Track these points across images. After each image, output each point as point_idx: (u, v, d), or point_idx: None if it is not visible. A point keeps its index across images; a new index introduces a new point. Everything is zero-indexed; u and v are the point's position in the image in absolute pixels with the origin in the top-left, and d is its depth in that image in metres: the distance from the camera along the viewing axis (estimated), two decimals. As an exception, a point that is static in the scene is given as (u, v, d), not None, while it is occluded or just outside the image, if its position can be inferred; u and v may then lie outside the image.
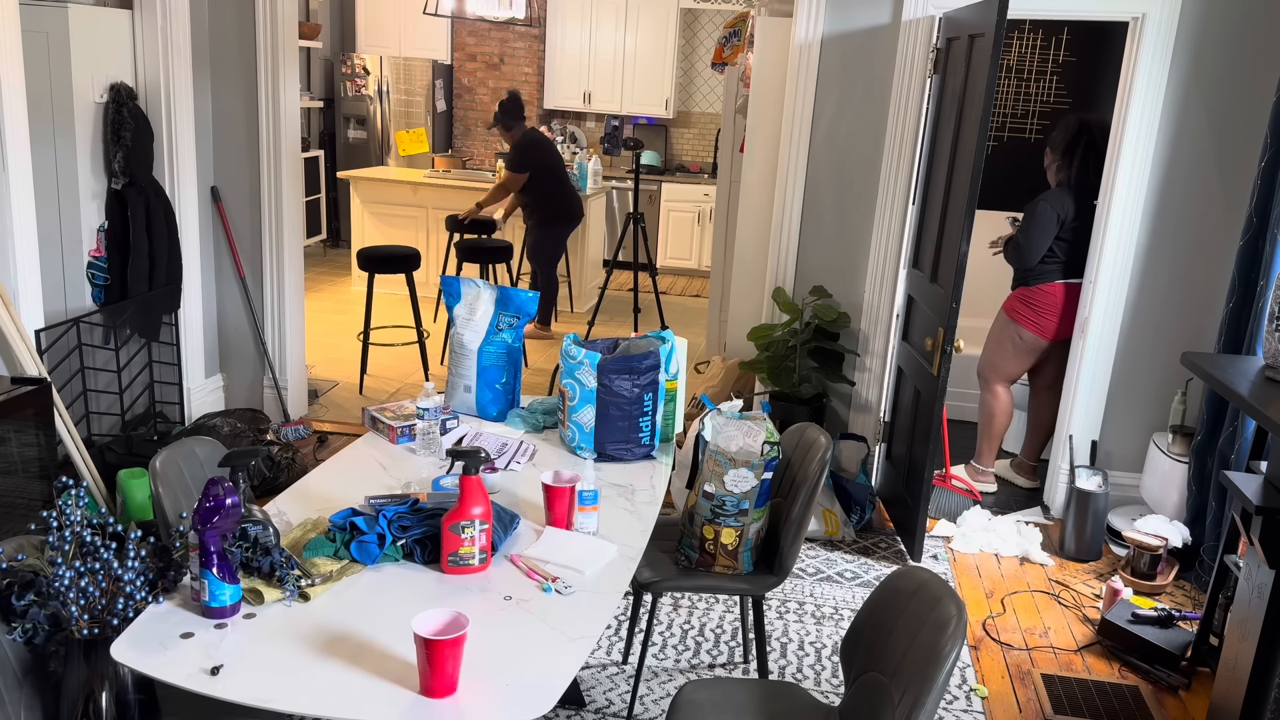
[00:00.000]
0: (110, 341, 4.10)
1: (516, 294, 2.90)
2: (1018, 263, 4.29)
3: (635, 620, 3.08)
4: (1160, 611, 3.31)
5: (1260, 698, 2.52)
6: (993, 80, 3.31)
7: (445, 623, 1.70)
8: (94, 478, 3.70)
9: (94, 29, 3.93)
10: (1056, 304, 4.25)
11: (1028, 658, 3.27)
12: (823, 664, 3.15)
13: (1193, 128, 3.96)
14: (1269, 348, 2.59)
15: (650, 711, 2.86)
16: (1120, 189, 4.02)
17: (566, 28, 9.13)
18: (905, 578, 2.00)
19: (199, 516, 1.81)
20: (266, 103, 4.50)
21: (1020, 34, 5.73)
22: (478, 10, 6.43)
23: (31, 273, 3.51)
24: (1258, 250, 3.60)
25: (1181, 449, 3.95)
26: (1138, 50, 3.91)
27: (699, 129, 9.62)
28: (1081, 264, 4.20)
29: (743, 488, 2.51)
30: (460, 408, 2.96)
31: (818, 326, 4.29)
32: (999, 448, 4.63)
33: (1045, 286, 4.26)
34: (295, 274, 4.79)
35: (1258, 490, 2.59)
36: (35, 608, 1.79)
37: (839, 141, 4.29)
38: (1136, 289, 4.14)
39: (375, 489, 2.41)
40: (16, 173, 3.38)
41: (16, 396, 3.16)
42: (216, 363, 4.84)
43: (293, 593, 1.91)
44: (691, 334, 6.97)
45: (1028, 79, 5.79)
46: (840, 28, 4.18)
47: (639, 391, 2.67)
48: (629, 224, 6.32)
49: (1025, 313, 4.31)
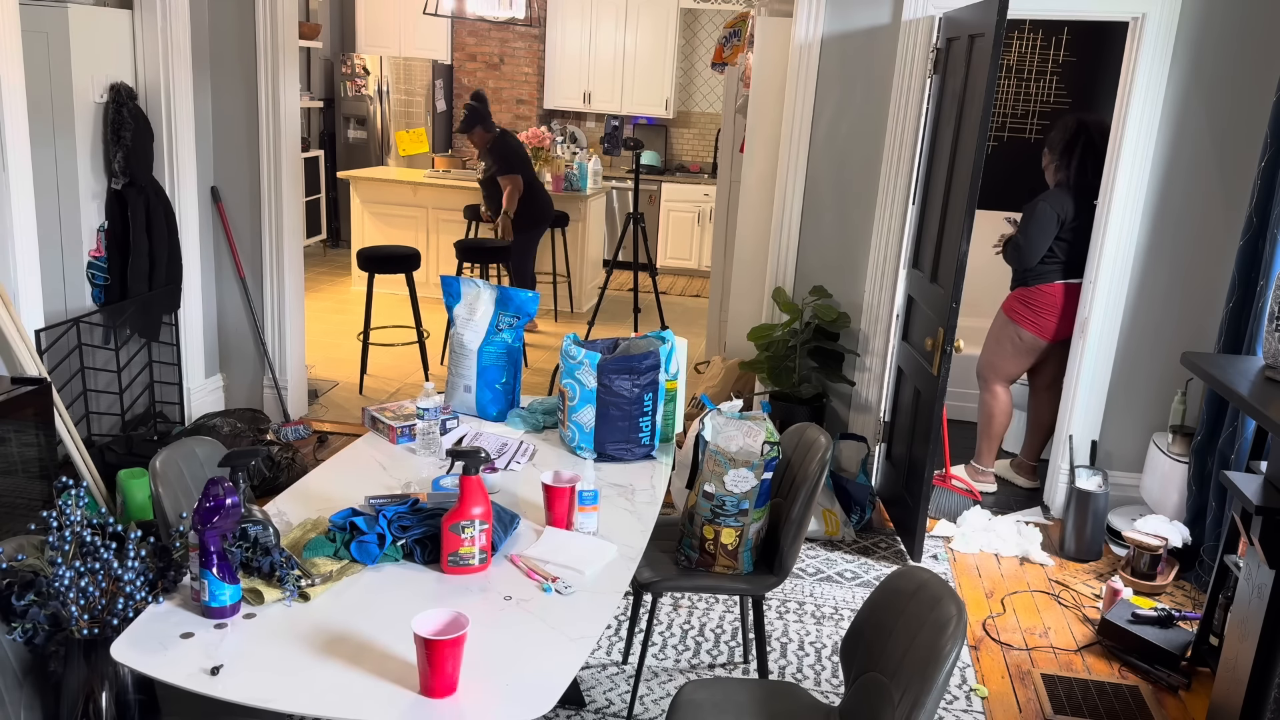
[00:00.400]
0: (110, 341, 4.10)
1: (516, 294, 2.90)
2: (1017, 263, 4.29)
3: (635, 620, 3.08)
4: (1160, 611, 3.31)
5: (1260, 698, 2.52)
6: (993, 80, 3.31)
7: (445, 623, 1.70)
8: (94, 478, 3.70)
9: (94, 29, 3.93)
10: (1056, 304, 4.25)
11: (1028, 658, 3.27)
12: (823, 664, 3.15)
13: (1193, 128, 3.96)
14: (1269, 348, 2.59)
15: (650, 711, 2.86)
16: (1120, 189, 4.02)
17: (566, 28, 9.13)
18: (905, 578, 2.00)
19: (199, 516, 1.81)
20: (266, 103, 4.50)
21: (1020, 34, 5.73)
22: (478, 10, 6.43)
23: (31, 273, 3.51)
24: (1258, 250, 3.60)
25: (1181, 449, 3.95)
26: (1138, 50, 3.91)
27: (699, 129, 9.62)
28: (1081, 264, 4.20)
29: (743, 488, 2.51)
30: (460, 408, 2.96)
31: (818, 326, 4.29)
32: (999, 448, 4.63)
33: (1045, 287, 4.25)
34: (295, 274, 4.79)
35: (1258, 490, 2.59)
36: (35, 608, 1.79)
37: (839, 141, 4.29)
38: (1136, 289, 4.14)
39: (375, 489, 2.41)
40: (16, 173, 3.38)
41: (16, 396, 3.17)
42: (216, 363, 4.84)
43: (293, 593, 1.91)
44: (691, 334, 6.97)
45: (1028, 79, 5.79)
46: (840, 28, 4.18)
47: (639, 391, 2.67)
48: (629, 224, 6.32)
49: (1024, 313, 4.31)
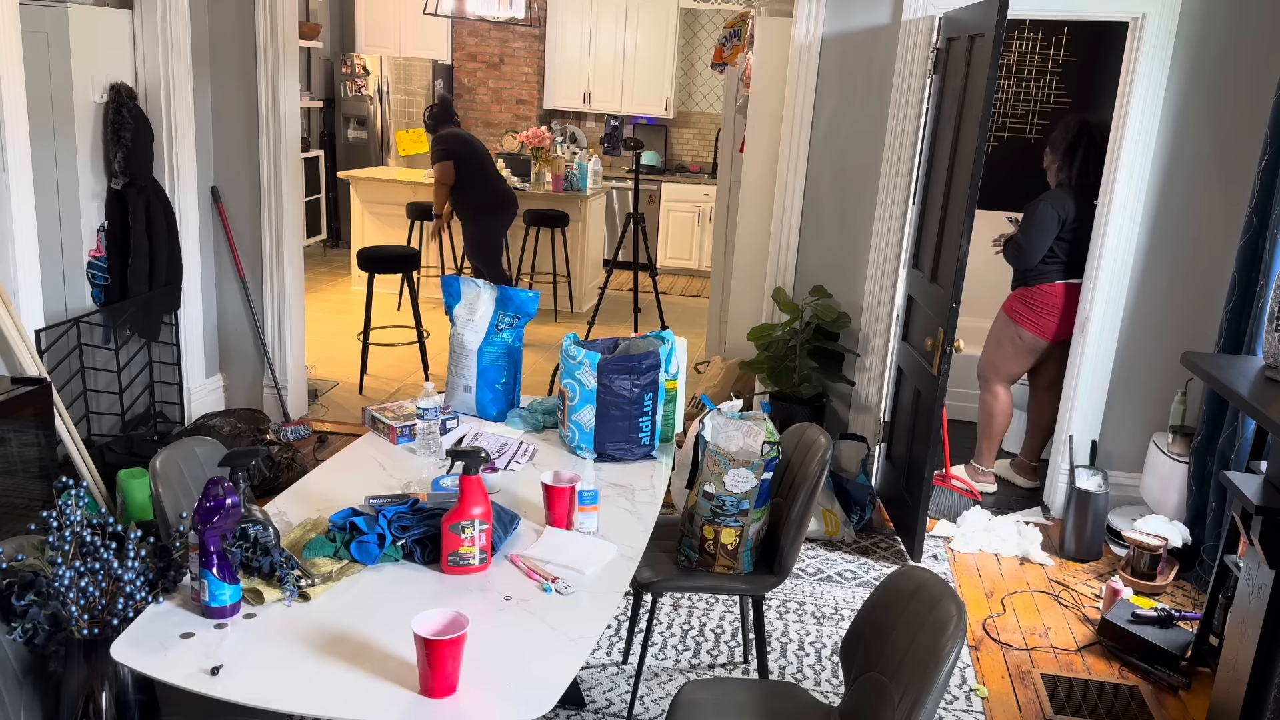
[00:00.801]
0: (110, 341, 4.10)
1: (517, 294, 2.90)
2: (1017, 263, 4.29)
3: (635, 620, 3.08)
4: (1160, 611, 3.31)
5: (1260, 698, 2.51)
6: (993, 80, 3.31)
7: (445, 623, 1.70)
8: (94, 478, 3.70)
9: (94, 29, 3.93)
10: (1057, 304, 4.25)
11: (1028, 658, 3.27)
12: (823, 664, 3.15)
13: (1193, 128, 3.96)
14: (1269, 348, 2.59)
15: (650, 711, 2.86)
16: (1120, 189, 4.02)
17: (566, 28, 9.13)
18: (905, 578, 2.00)
19: (199, 516, 1.81)
20: (266, 103, 4.50)
21: (1020, 34, 5.73)
22: (478, 10, 6.42)
23: (31, 273, 3.51)
24: (1258, 250, 3.60)
25: (1181, 449, 3.95)
26: (1138, 50, 3.91)
27: (699, 129, 9.62)
28: (1082, 264, 4.20)
29: (743, 488, 2.51)
30: (460, 408, 2.96)
31: (818, 326, 4.29)
32: (999, 448, 4.63)
33: (1045, 287, 4.25)
34: (295, 274, 4.79)
35: (1258, 490, 2.59)
36: (35, 608, 1.79)
37: (839, 141, 4.29)
38: (1136, 289, 4.14)
39: (375, 489, 2.41)
40: (16, 173, 3.38)
41: (16, 396, 3.17)
42: (216, 363, 4.84)
43: (293, 593, 1.91)
44: (691, 334, 6.97)
45: (1028, 79, 5.79)
46: (840, 28, 4.18)
47: (639, 391, 2.67)
48: (629, 224, 6.32)
49: (1025, 313, 4.31)
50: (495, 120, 9.56)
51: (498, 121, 9.56)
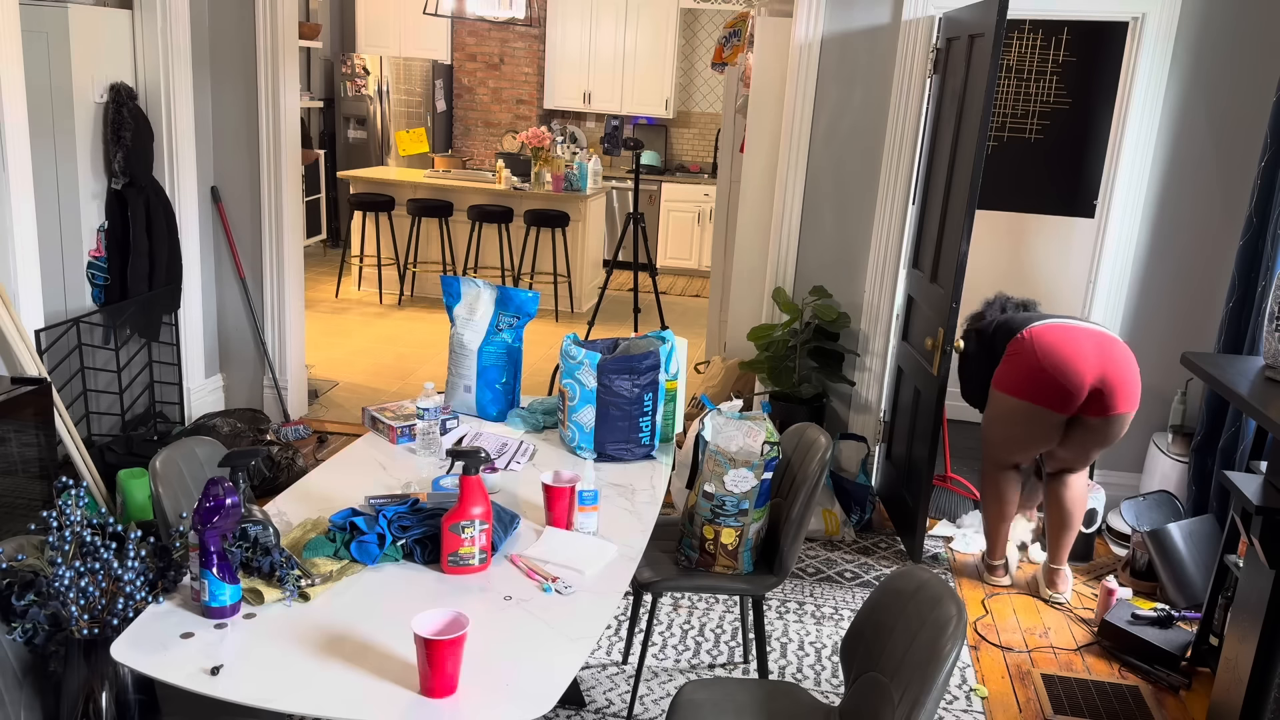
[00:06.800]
0: (110, 341, 4.10)
1: (517, 294, 2.90)
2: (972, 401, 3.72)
3: (635, 620, 3.08)
4: (1160, 612, 3.31)
5: (1260, 698, 2.52)
6: (993, 80, 3.31)
7: (445, 623, 1.70)
8: (94, 478, 3.70)
9: (94, 29, 3.93)
10: (1030, 352, 3.29)
11: (1028, 658, 3.27)
12: (823, 664, 3.15)
13: (1193, 128, 3.96)
14: (1269, 348, 2.59)
15: (650, 711, 2.86)
16: (1120, 189, 4.02)
17: (566, 28, 9.13)
18: (905, 578, 2.00)
19: (199, 516, 1.81)
20: (266, 103, 4.50)
21: (1020, 34, 5.73)
22: (478, 10, 6.43)
23: (31, 273, 3.50)
24: (1258, 250, 3.60)
25: (1181, 449, 3.95)
26: (1138, 50, 3.91)
27: (699, 129, 9.62)
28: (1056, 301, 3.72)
29: (743, 488, 2.51)
30: (460, 408, 2.96)
31: (818, 326, 4.29)
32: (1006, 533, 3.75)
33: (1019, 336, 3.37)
34: (295, 274, 4.79)
35: (1258, 490, 2.59)
36: (35, 608, 1.79)
37: (839, 141, 4.29)
38: (1136, 289, 4.14)
39: (375, 489, 2.41)
40: (16, 173, 3.38)
41: (16, 396, 3.17)
42: (216, 363, 4.84)
43: (293, 593, 1.91)
44: (691, 334, 6.97)
45: (1028, 79, 5.78)
46: (840, 28, 4.18)
47: (639, 391, 2.67)
48: (629, 224, 6.30)
49: (1001, 372, 3.41)
50: (495, 120, 9.56)
51: (498, 121, 9.56)
